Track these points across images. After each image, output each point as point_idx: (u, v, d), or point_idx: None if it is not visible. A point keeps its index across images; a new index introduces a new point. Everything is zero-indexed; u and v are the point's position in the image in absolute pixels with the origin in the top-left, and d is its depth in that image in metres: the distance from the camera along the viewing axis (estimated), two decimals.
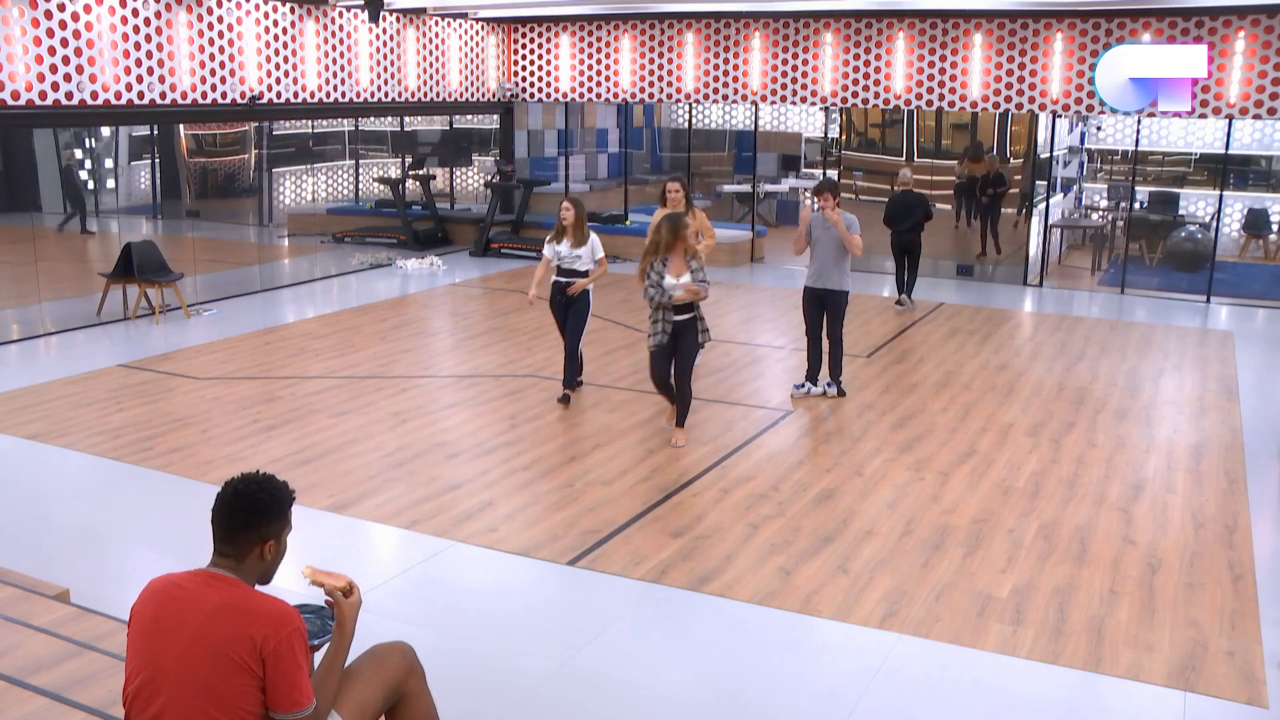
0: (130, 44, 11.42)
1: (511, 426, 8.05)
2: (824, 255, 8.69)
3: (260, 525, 2.95)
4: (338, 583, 3.12)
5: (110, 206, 14.44)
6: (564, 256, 8.37)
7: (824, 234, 8.63)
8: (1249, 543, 6.16)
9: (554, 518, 6.36)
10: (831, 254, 8.65)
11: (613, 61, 16.36)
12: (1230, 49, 12.86)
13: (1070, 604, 5.36)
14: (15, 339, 10.68)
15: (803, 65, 15.13)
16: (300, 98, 13.66)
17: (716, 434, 7.97)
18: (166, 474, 7.01)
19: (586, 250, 8.38)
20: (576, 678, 4.72)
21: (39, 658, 3.91)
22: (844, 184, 15.66)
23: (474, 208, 18.08)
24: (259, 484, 2.97)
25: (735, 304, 12.96)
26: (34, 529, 6.13)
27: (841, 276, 8.70)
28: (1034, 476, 7.17)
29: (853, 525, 6.32)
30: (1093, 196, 18.12)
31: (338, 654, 3.11)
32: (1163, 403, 9.00)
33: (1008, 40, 13.92)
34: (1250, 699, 4.54)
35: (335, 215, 16.90)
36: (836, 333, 8.85)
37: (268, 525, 2.96)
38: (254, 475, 3.01)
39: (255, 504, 2.94)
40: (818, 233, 8.69)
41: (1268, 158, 17.12)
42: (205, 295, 12.66)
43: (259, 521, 2.95)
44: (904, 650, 4.91)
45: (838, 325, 8.83)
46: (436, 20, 15.74)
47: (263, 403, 8.55)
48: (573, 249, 8.34)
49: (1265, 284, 14.90)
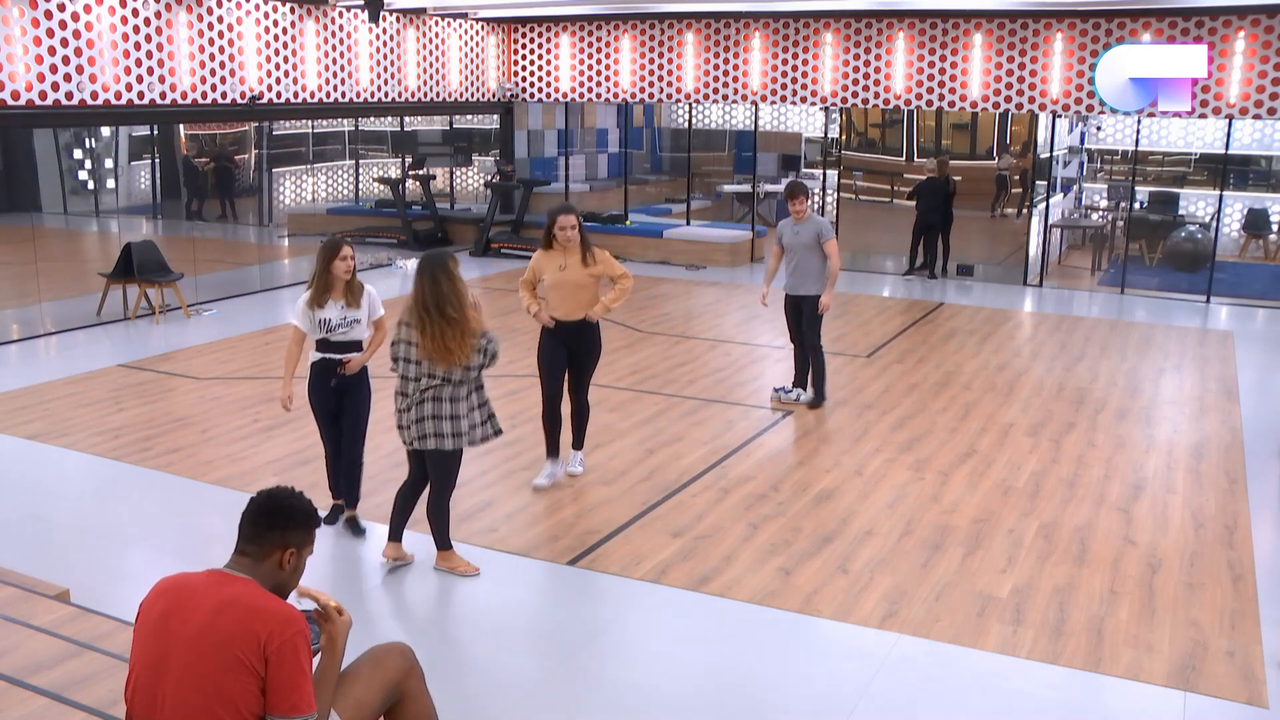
0: (130, 44, 11.42)
1: (511, 426, 8.05)
2: (797, 260, 8.49)
3: (287, 529, 3.01)
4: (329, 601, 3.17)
5: (110, 206, 14.43)
6: (334, 324, 5.96)
7: (794, 239, 8.46)
8: (1249, 543, 6.16)
9: (554, 518, 6.35)
10: (804, 258, 8.45)
11: (613, 61, 16.36)
12: (1230, 49, 12.85)
13: (1070, 604, 5.36)
14: (15, 339, 10.68)
15: (803, 65, 15.13)
16: (300, 98, 13.66)
17: (716, 434, 7.97)
18: (166, 474, 7.01)
19: (364, 311, 6.05)
20: (576, 678, 4.72)
21: (39, 658, 3.91)
22: (844, 184, 15.67)
23: (474, 208, 18.08)
24: (293, 494, 3.10)
25: (735, 304, 12.97)
26: (34, 529, 6.13)
27: (815, 281, 8.46)
28: (1034, 476, 7.17)
29: (853, 525, 6.32)
30: (1093, 196, 18.11)
31: (328, 671, 3.12)
32: (1163, 403, 9.00)
33: (1008, 40, 13.92)
34: (1250, 699, 4.54)
35: (335, 215, 16.89)
36: (812, 339, 8.56)
37: (293, 532, 3.02)
38: (287, 489, 3.12)
39: (287, 508, 3.03)
40: (789, 239, 8.52)
41: (1268, 158, 17.11)
42: (205, 295, 12.66)
43: (287, 524, 3.01)
44: (904, 650, 4.91)
45: (813, 332, 8.54)
46: (436, 20, 15.74)
47: (263, 403, 8.55)
48: (345, 311, 5.98)
49: (1265, 284, 14.89)
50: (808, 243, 8.37)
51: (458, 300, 5.29)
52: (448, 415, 5.39)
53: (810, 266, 8.42)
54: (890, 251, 15.20)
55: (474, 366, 5.40)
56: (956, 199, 14.78)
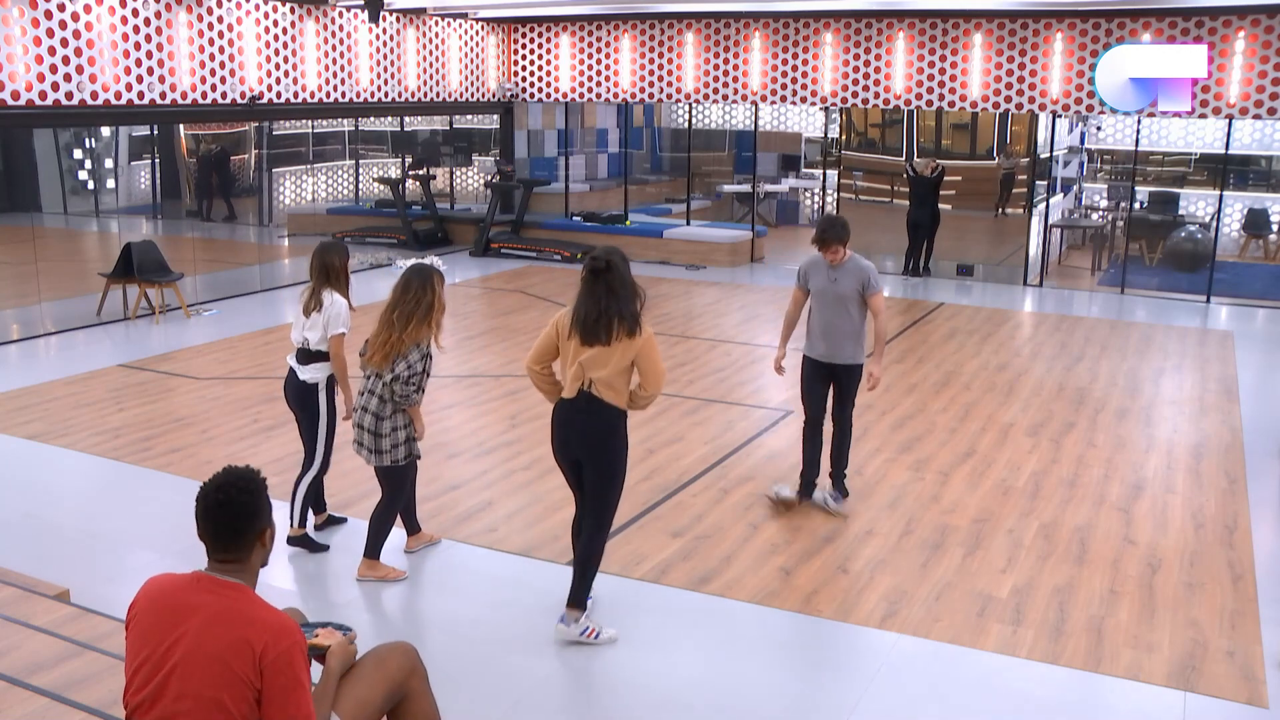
0: (130, 44, 11.42)
1: (511, 426, 8.05)
2: (830, 315, 6.32)
3: (255, 522, 2.90)
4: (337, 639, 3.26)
5: (110, 206, 14.43)
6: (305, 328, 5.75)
7: (829, 286, 6.30)
8: (1249, 543, 6.16)
9: (554, 518, 6.35)
10: (840, 314, 6.29)
11: (613, 61, 16.36)
12: (1230, 49, 12.85)
13: (1070, 604, 5.36)
14: (15, 339, 10.68)
15: (803, 65, 15.13)
16: (300, 98, 13.66)
17: (716, 434, 7.97)
18: (166, 474, 7.01)
19: (320, 320, 5.71)
20: (576, 678, 4.72)
21: (39, 658, 3.91)
22: (844, 184, 15.68)
23: (474, 208, 18.08)
24: (237, 486, 2.88)
25: (735, 304, 12.97)
26: (34, 529, 6.13)
27: (857, 345, 6.37)
28: (1034, 476, 7.17)
29: (853, 525, 6.31)
30: (1093, 196, 18.12)
31: (324, 691, 3.12)
32: (1163, 403, 8.99)
33: (1008, 40, 13.92)
34: (1250, 699, 4.54)
35: (335, 215, 16.90)
36: (846, 415, 6.57)
37: (260, 518, 2.91)
38: (226, 479, 2.90)
39: (244, 507, 2.88)
40: (820, 283, 6.34)
41: (1268, 158, 17.12)
42: (205, 295, 12.66)
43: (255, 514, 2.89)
44: (904, 650, 4.91)
45: (848, 405, 6.53)
46: (436, 20, 15.74)
47: (263, 403, 8.55)
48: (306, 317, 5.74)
49: (1265, 284, 14.89)
50: (847, 293, 6.26)
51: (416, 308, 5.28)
52: (370, 430, 5.37)
53: (849, 324, 6.31)
54: (890, 251, 15.20)
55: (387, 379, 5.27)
56: (956, 199, 14.78)
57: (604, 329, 4.70)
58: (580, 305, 4.78)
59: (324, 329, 5.67)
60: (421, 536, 5.94)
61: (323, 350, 5.72)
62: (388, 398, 5.34)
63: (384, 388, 5.31)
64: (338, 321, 5.68)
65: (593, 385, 4.75)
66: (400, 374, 5.27)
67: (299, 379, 5.77)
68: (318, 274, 5.78)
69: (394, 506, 5.55)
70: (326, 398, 5.81)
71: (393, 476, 5.49)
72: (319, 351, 5.72)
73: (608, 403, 4.75)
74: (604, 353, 4.72)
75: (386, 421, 5.36)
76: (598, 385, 4.74)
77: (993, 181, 14.84)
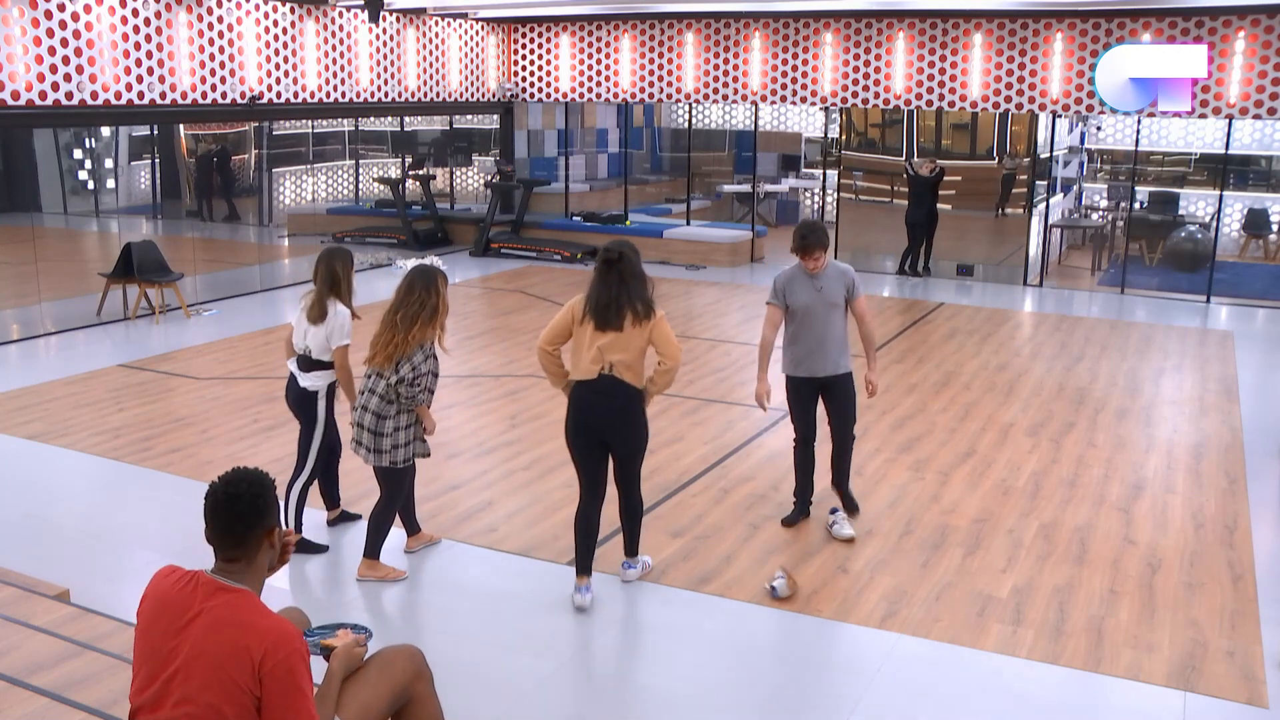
0: (130, 44, 11.42)
1: (511, 426, 8.05)
2: (824, 327, 5.99)
3: (262, 519, 2.89)
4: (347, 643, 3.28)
5: (110, 206, 14.43)
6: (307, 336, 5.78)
7: (814, 298, 5.96)
8: (1249, 543, 6.16)
9: (554, 518, 6.35)
10: (830, 323, 6.00)
11: (613, 61, 16.36)
12: (1230, 49, 12.85)
13: (1070, 604, 5.36)
14: (15, 339, 10.68)
15: (803, 65, 15.13)
16: (300, 98, 13.66)
17: (716, 434, 7.97)
18: (166, 474, 7.01)
19: (323, 330, 5.70)
20: (576, 678, 4.72)
21: (39, 658, 3.91)
22: (844, 184, 15.67)
23: (474, 208, 18.08)
24: (245, 483, 2.88)
25: (735, 304, 12.97)
26: (34, 529, 6.13)
27: (843, 353, 6.10)
28: (1034, 476, 7.17)
29: (853, 525, 6.31)
30: (1093, 196, 18.12)
31: (325, 692, 3.12)
32: (1163, 403, 8.99)
33: (1008, 40, 13.92)
34: (1250, 699, 4.54)
35: (335, 215, 16.90)
36: (847, 432, 6.25)
37: (267, 515, 2.90)
38: (235, 476, 2.91)
39: (251, 504, 2.87)
40: (805, 298, 5.97)
41: (1268, 158, 17.11)
42: (205, 295, 12.66)
43: (263, 513, 2.89)
44: (904, 650, 4.91)
45: (849, 421, 6.23)
46: (436, 20, 15.74)
47: (263, 403, 8.55)
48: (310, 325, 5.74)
49: (1265, 284, 14.89)
50: (837, 300, 5.99)
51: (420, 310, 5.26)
52: (371, 429, 5.36)
53: (841, 332, 6.04)
54: (890, 251, 15.20)
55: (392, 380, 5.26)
56: (957, 199, 14.78)
57: (615, 314, 5.09)
58: (594, 292, 5.15)
59: (326, 340, 5.69)
60: (421, 537, 5.95)
61: (324, 360, 5.73)
62: (392, 399, 5.34)
63: (388, 389, 5.31)
64: (341, 334, 5.69)
65: (613, 368, 5.12)
66: (405, 376, 5.28)
67: (300, 386, 5.81)
68: (324, 281, 5.77)
69: (392, 506, 5.56)
70: (325, 405, 5.84)
71: (391, 476, 5.49)
72: (320, 360, 5.75)
73: (628, 383, 5.14)
74: (621, 337, 5.11)
75: (389, 421, 5.36)
76: (618, 368, 5.13)
77: (993, 181, 14.84)
